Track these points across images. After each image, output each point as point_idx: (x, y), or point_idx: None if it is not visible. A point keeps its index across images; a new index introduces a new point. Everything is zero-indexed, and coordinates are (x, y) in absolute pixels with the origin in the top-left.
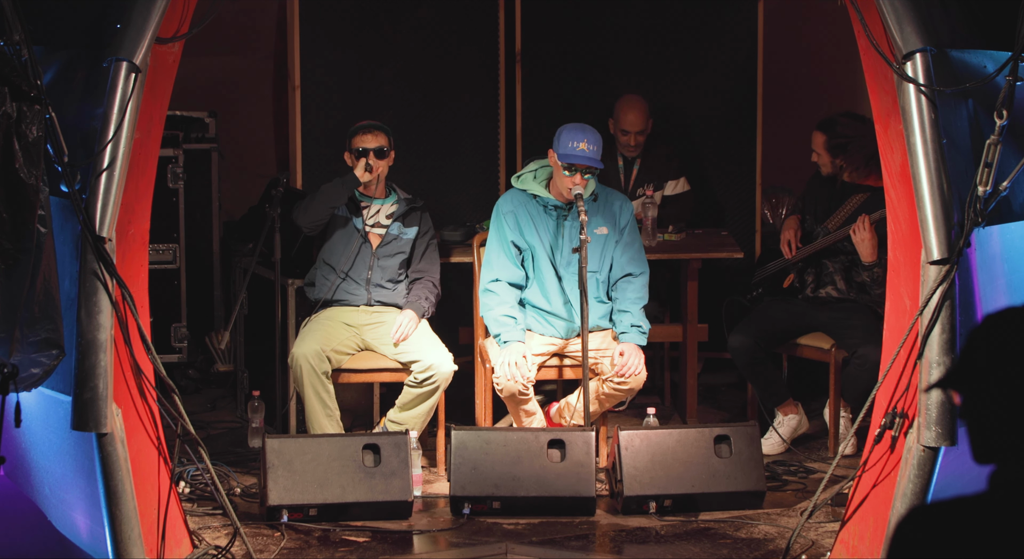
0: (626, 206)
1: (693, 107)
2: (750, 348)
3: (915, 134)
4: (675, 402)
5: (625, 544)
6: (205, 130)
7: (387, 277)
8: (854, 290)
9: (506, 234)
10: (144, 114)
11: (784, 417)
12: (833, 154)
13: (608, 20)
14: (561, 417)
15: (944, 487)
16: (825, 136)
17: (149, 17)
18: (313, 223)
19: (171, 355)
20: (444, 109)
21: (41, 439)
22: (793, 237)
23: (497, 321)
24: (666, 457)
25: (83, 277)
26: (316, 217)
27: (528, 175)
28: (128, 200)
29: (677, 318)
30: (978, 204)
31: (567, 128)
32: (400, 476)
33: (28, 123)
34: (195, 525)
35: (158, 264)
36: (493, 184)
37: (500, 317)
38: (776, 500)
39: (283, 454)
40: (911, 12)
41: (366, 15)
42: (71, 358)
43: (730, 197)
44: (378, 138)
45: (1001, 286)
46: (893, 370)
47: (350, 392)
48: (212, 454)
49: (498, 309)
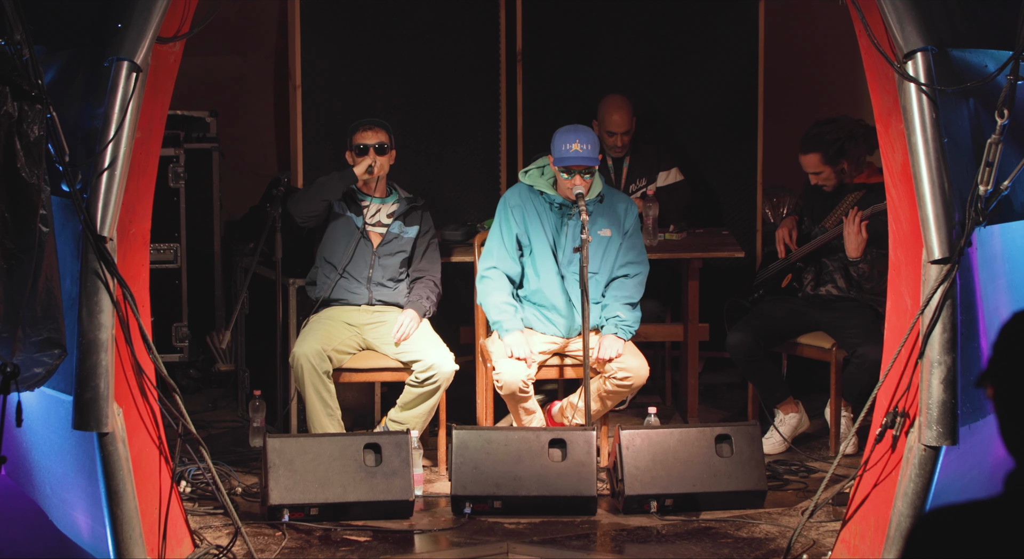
0: (631, 208)
1: (694, 107)
2: (749, 346)
3: (916, 133)
4: (676, 401)
5: (626, 543)
6: (206, 129)
7: (388, 276)
8: (854, 288)
9: (511, 228)
10: (145, 114)
11: (785, 415)
12: (834, 162)
13: (609, 20)
14: (563, 416)
15: (945, 487)
16: (819, 153)
17: (150, 17)
18: (306, 214)
19: (172, 354)
20: (445, 109)
21: (42, 439)
22: (787, 236)
23: (497, 308)
24: (667, 456)
25: (84, 277)
26: (309, 208)
27: (535, 171)
28: (129, 200)
29: (678, 317)
30: (979, 203)
31: (559, 132)
32: (401, 475)
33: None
34: (196, 524)
35: (159, 264)
36: (494, 184)
37: (500, 304)
38: (777, 499)
39: (284, 453)
40: (912, 11)
41: (367, 15)
42: (72, 357)
43: (731, 196)
44: (378, 135)
45: (1002, 285)
46: (894, 369)
47: (351, 391)
48: (213, 453)
49: (497, 295)
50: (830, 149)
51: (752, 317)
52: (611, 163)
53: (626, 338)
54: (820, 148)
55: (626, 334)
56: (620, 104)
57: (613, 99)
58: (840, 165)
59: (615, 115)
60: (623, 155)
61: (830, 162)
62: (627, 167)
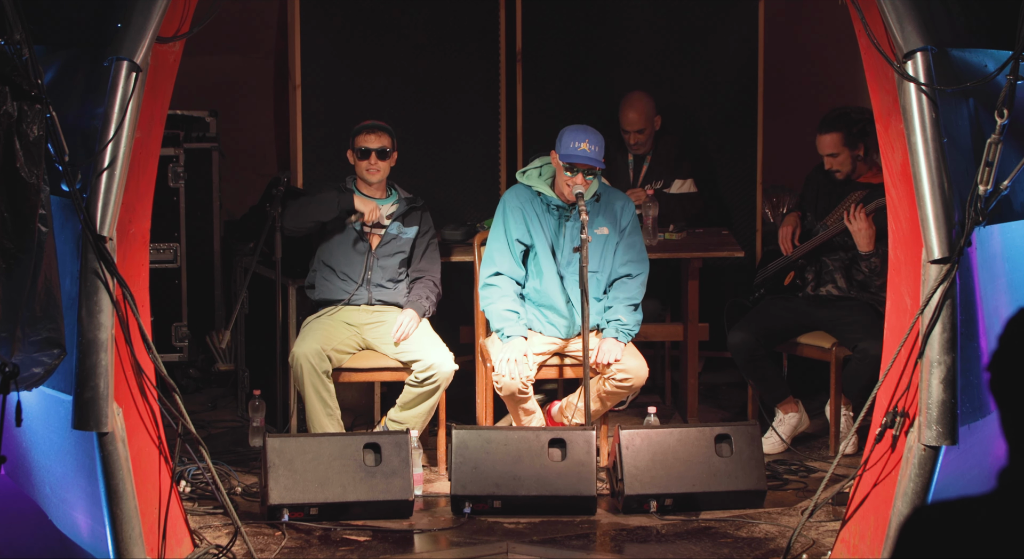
0: (628, 206)
1: (694, 106)
2: (750, 345)
3: (916, 133)
4: (676, 401)
5: (626, 543)
6: (206, 129)
7: (387, 277)
8: (854, 288)
9: (511, 230)
10: (145, 113)
11: (784, 415)
12: (853, 145)
13: (608, 19)
14: (563, 416)
15: (945, 486)
16: (841, 132)
17: (150, 16)
18: (295, 229)
19: (172, 354)
20: (445, 108)
21: (42, 438)
22: (791, 233)
23: (500, 315)
24: (667, 456)
25: (84, 276)
26: (299, 225)
27: (533, 172)
28: (129, 199)
29: (678, 317)
30: (979, 203)
31: (569, 129)
32: (401, 475)
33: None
34: (196, 524)
35: (159, 263)
36: (494, 184)
37: (503, 311)
38: (777, 499)
39: (284, 453)
40: (912, 11)
41: (367, 14)
42: (72, 357)
43: (731, 196)
44: (381, 139)
45: (1002, 285)
46: (894, 369)
47: (351, 391)
48: (213, 453)
49: (500, 303)
50: (852, 128)
51: (753, 316)
52: (631, 158)
53: (625, 341)
54: (842, 127)
55: (626, 337)
56: (636, 102)
57: (631, 97)
58: (857, 150)
59: (630, 113)
60: (644, 153)
61: (849, 144)
62: (647, 167)
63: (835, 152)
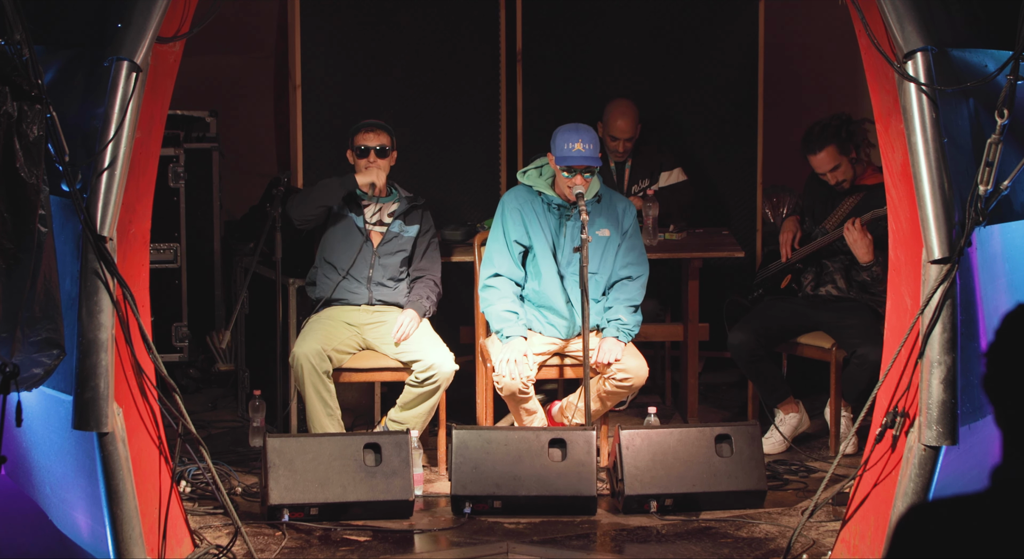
0: (629, 209)
1: (694, 106)
2: (750, 345)
3: (916, 133)
4: (676, 401)
5: (626, 543)
6: (206, 129)
7: (388, 275)
8: (854, 289)
9: (510, 231)
10: (145, 113)
11: (785, 415)
12: (847, 150)
13: (609, 19)
14: (563, 416)
15: (945, 486)
16: (833, 143)
17: (150, 16)
18: (303, 217)
19: (172, 354)
20: (445, 108)
21: (42, 438)
22: (791, 239)
23: (499, 316)
24: (667, 456)
25: (84, 276)
26: (307, 212)
27: (534, 171)
28: (129, 199)
29: (678, 317)
30: (979, 203)
31: (560, 131)
32: (401, 475)
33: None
34: (196, 524)
35: (159, 263)
36: (494, 184)
37: (502, 312)
38: (777, 499)
39: (284, 453)
40: (912, 11)
41: (367, 14)
42: (72, 357)
43: (731, 196)
44: (380, 137)
45: (1002, 285)
46: (894, 369)
47: (351, 391)
48: (213, 453)
49: (499, 304)
50: (840, 134)
51: (753, 317)
52: (613, 165)
53: (626, 341)
54: (832, 138)
55: (626, 337)
56: (626, 110)
57: (620, 104)
58: (851, 153)
59: (620, 121)
60: (624, 159)
61: (844, 151)
62: (629, 169)
63: (835, 164)
